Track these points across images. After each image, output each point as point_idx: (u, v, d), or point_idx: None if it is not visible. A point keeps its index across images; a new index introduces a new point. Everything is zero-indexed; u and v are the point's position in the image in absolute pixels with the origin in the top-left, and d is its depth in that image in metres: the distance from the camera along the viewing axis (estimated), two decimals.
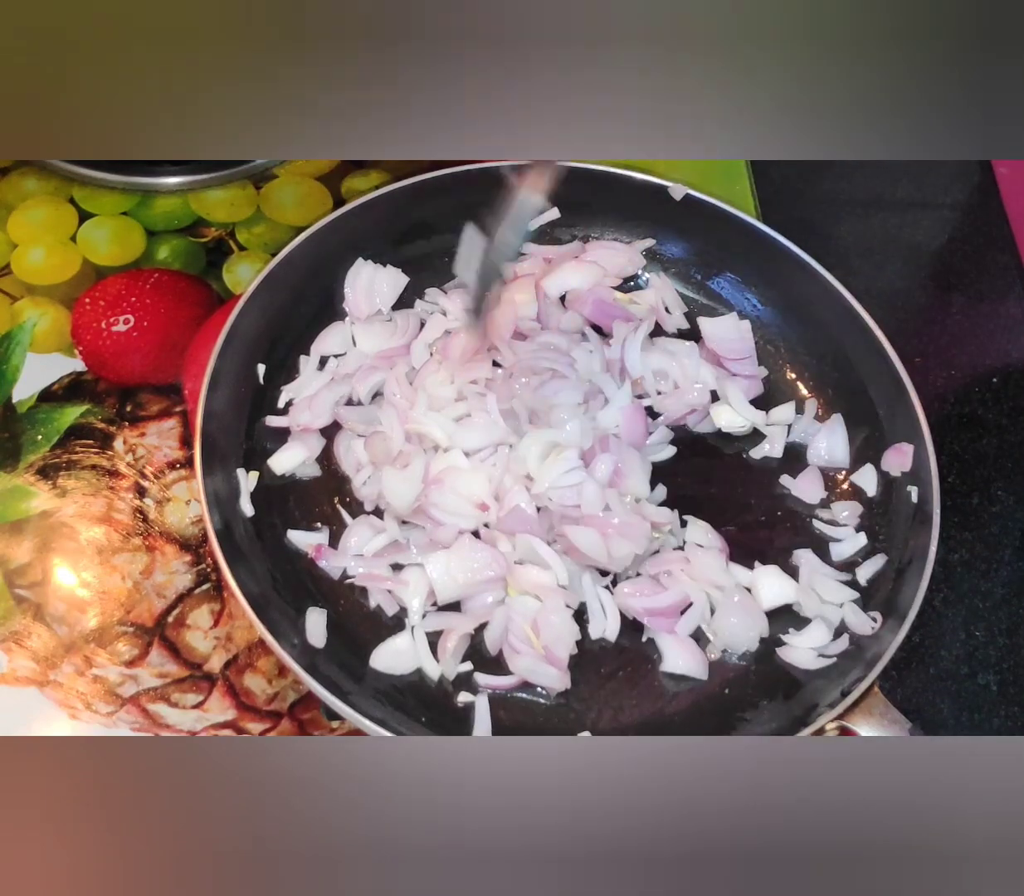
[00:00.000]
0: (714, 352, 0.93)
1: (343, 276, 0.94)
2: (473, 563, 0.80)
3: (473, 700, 0.79)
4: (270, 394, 0.89)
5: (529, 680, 0.79)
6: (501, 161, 0.95)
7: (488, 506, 0.82)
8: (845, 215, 1.07)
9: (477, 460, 0.83)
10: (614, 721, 0.80)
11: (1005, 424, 0.99)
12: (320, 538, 0.84)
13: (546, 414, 0.84)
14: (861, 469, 0.89)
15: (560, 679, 0.79)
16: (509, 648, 0.80)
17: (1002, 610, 0.90)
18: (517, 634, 0.79)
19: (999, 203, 1.09)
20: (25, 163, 1.02)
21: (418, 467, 0.82)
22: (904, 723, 0.76)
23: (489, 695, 0.79)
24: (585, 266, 0.96)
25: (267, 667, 0.83)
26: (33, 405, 0.91)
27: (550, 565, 0.80)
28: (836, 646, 0.82)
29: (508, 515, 0.81)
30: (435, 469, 0.82)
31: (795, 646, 0.82)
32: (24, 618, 0.83)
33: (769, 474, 0.91)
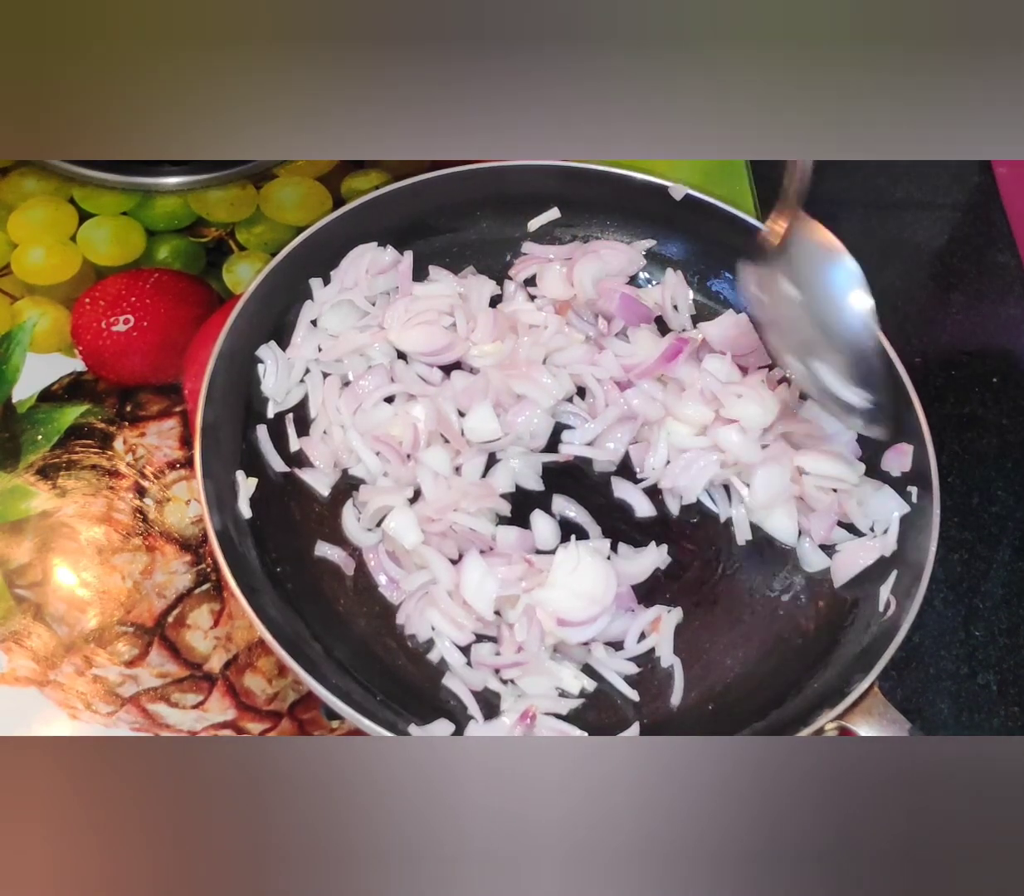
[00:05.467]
0: (723, 352, 0.94)
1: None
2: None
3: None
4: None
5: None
6: (501, 161, 0.95)
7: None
8: (845, 215, 1.07)
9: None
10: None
11: (1005, 424, 0.99)
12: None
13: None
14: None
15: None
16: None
17: (1002, 610, 0.90)
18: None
19: (999, 203, 1.09)
20: (25, 163, 1.02)
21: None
22: (904, 723, 0.76)
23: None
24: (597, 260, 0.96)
25: (267, 667, 0.83)
26: (33, 405, 0.91)
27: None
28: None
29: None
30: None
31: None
32: (24, 618, 0.83)
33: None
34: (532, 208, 0.98)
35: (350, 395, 0.89)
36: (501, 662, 0.80)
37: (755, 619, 0.86)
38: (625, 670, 0.82)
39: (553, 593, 0.79)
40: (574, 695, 0.80)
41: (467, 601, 0.79)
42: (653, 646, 0.83)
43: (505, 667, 0.80)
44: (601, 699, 0.81)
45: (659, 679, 0.83)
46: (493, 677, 0.80)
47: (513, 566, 0.81)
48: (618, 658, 0.82)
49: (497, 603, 0.80)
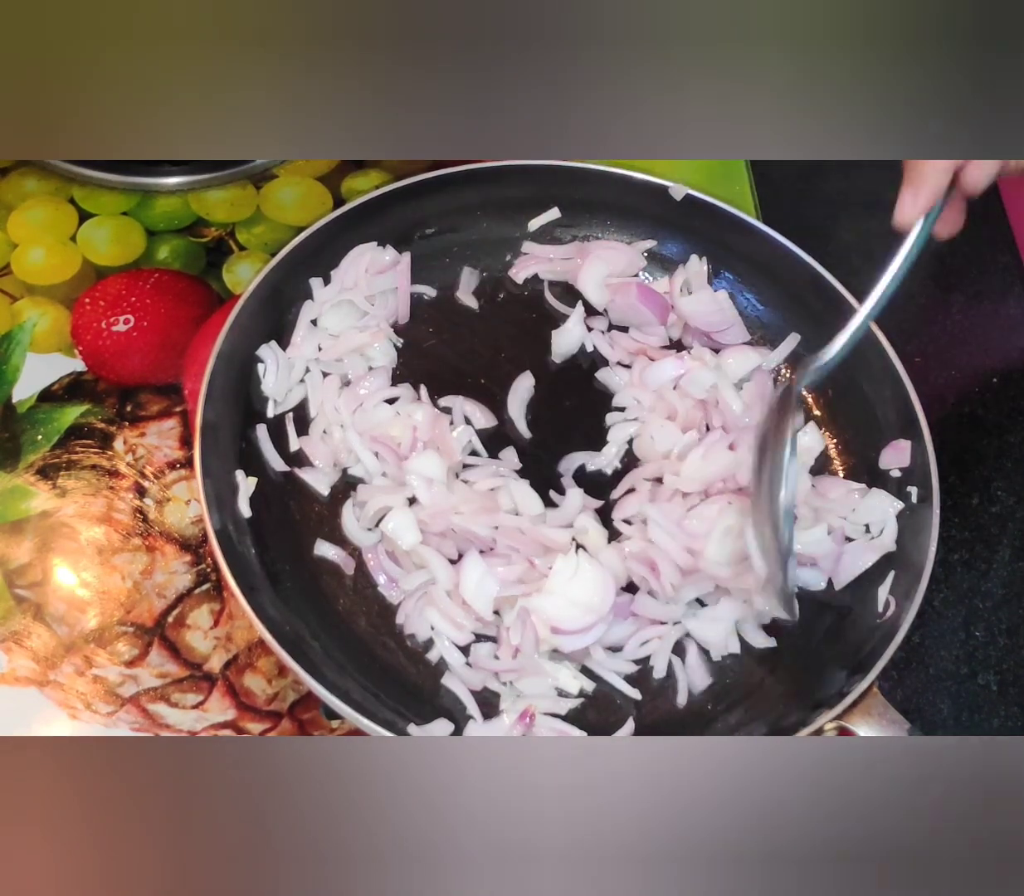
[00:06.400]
0: (699, 329, 0.94)
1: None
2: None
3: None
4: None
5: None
6: (501, 161, 0.95)
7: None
8: (845, 215, 1.07)
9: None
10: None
11: (1005, 424, 0.99)
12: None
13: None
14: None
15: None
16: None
17: (1002, 610, 0.90)
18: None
19: (999, 203, 1.09)
20: (25, 163, 1.02)
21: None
22: (903, 723, 0.76)
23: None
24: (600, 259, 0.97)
25: (267, 667, 0.83)
26: (33, 405, 0.91)
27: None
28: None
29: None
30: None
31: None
32: (24, 618, 0.83)
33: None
34: (532, 208, 0.98)
35: (350, 395, 0.89)
36: (499, 667, 0.80)
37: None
38: (624, 669, 0.82)
39: (549, 600, 0.79)
40: (573, 695, 0.81)
41: (466, 601, 0.79)
42: (651, 653, 0.83)
43: (502, 671, 0.80)
44: (601, 698, 0.81)
45: (659, 678, 0.83)
46: (492, 677, 0.80)
47: (513, 566, 0.81)
48: (618, 659, 0.82)
49: (496, 603, 0.80)
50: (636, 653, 0.82)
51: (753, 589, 0.80)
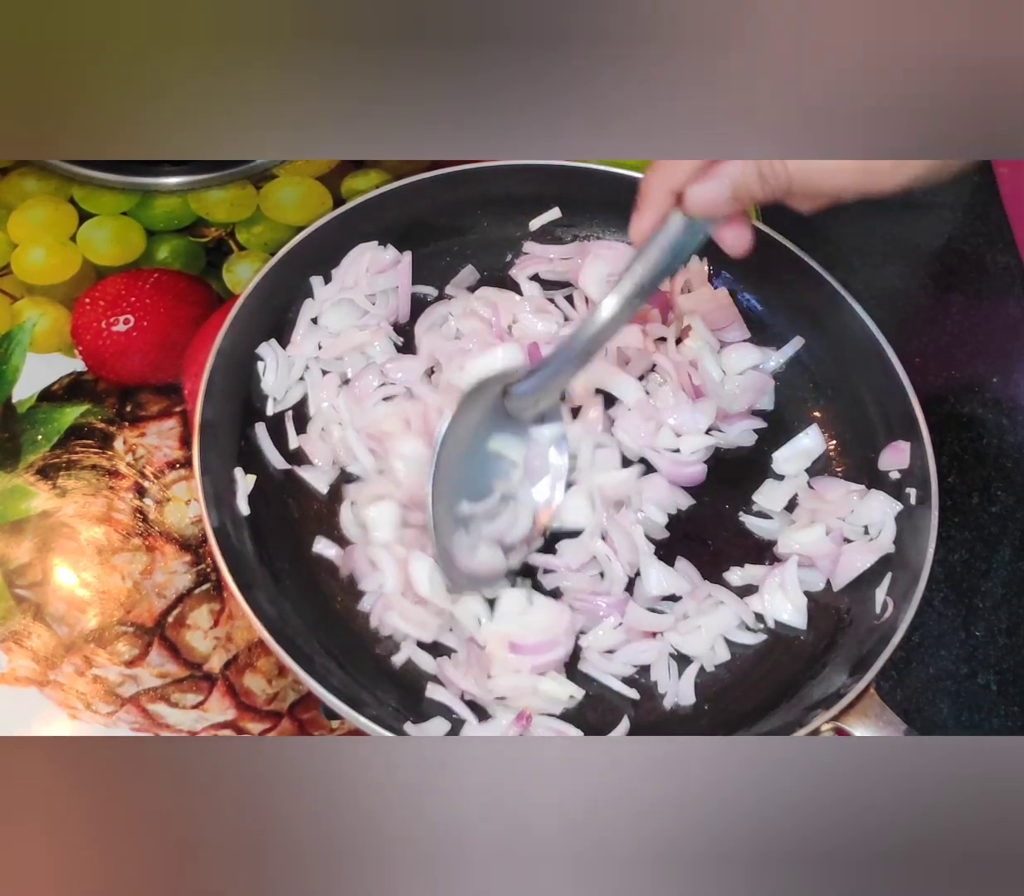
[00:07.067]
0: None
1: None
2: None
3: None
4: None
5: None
6: (501, 161, 0.95)
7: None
8: (845, 215, 1.07)
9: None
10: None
11: (1005, 424, 0.99)
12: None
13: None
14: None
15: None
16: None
17: (1002, 610, 0.90)
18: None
19: (999, 203, 1.09)
20: (25, 163, 1.02)
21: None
22: (899, 725, 0.76)
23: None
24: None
25: (267, 667, 0.83)
26: (33, 405, 0.91)
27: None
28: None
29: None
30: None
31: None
32: (24, 618, 0.83)
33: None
34: (532, 208, 0.98)
35: (348, 393, 0.89)
36: (471, 687, 0.79)
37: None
38: (620, 672, 0.82)
39: (501, 627, 0.79)
40: (563, 701, 0.80)
41: (423, 597, 0.79)
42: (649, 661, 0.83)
43: (477, 692, 0.79)
44: (598, 698, 0.81)
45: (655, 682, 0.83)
46: (473, 686, 0.79)
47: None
48: (614, 661, 0.82)
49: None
50: (631, 658, 0.82)
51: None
